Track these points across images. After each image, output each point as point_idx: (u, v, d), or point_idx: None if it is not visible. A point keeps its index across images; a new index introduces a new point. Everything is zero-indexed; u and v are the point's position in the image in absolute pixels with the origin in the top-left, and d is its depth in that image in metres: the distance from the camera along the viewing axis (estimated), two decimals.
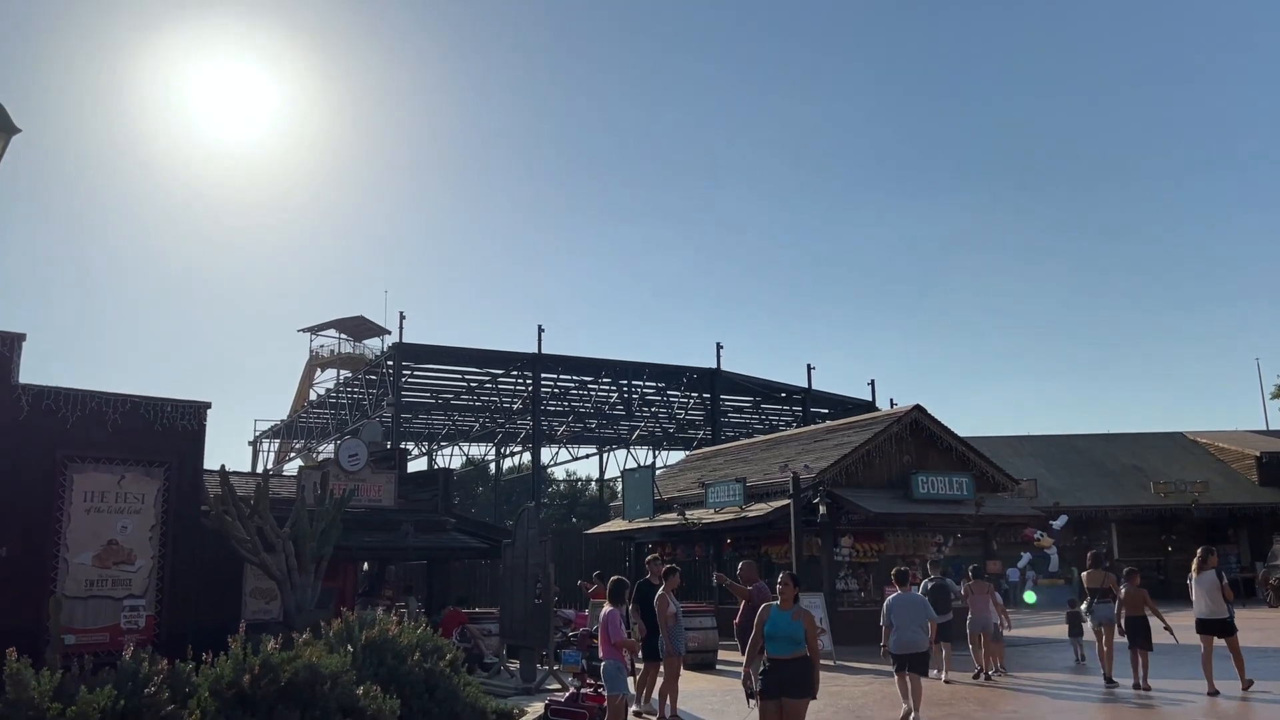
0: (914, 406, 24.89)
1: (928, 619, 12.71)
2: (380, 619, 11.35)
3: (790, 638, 7.83)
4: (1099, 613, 15.38)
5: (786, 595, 8.10)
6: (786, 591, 8.13)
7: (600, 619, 10.01)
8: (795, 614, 7.94)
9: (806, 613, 7.98)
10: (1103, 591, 15.68)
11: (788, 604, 8.05)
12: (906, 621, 12.39)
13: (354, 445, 19.80)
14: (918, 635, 12.38)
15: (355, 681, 9.20)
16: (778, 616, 7.97)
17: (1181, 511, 39.85)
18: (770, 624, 7.96)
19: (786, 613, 7.95)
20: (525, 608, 16.06)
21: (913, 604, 12.69)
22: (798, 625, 7.85)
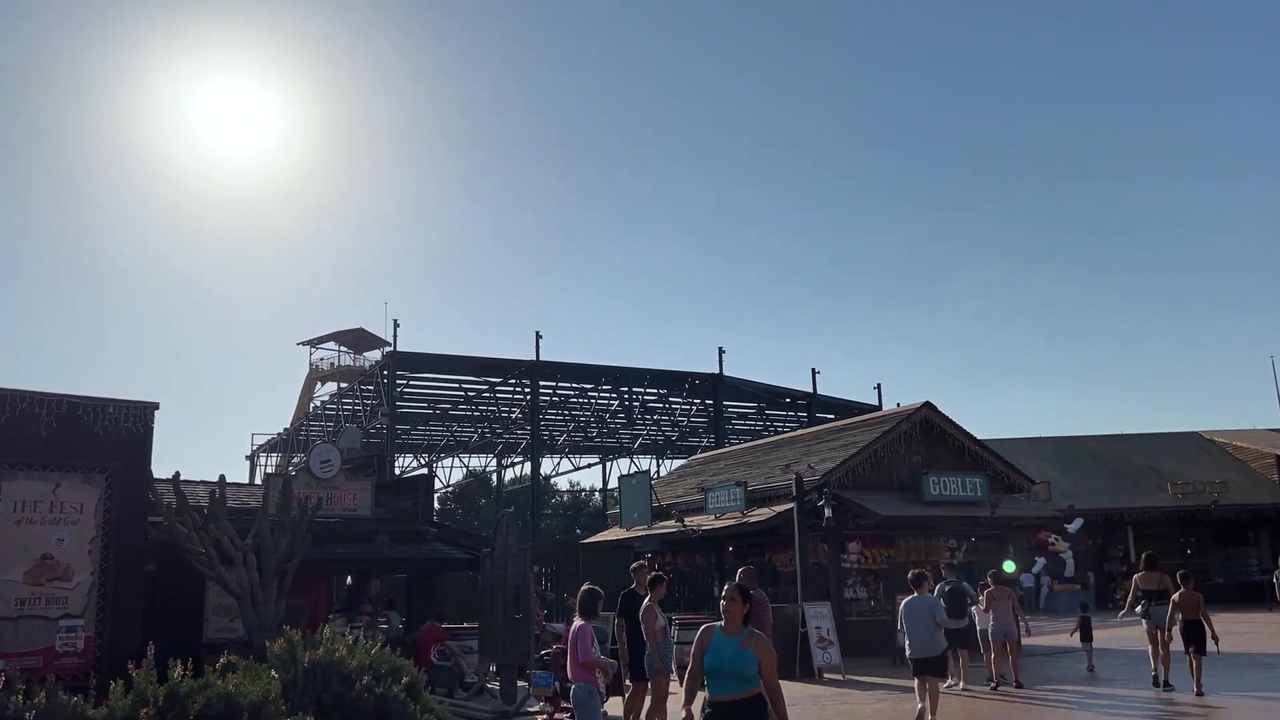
0: (924, 404, 23.58)
1: (938, 620, 12.44)
2: (328, 638, 10.06)
3: (737, 673, 5.95)
4: (1155, 615, 14.78)
5: (732, 615, 6.15)
6: (732, 610, 6.16)
7: (569, 636, 8.71)
8: (746, 640, 6.05)
9: (761, 638, 6.11)
10: (1159, 594, 14.99)
11: (735, 627, 6.13)
12: (919, 625, 12.26)
13: (326, 451, 18.52)
14: (932, 638, 12.21)
15: (285, 712, 7.93)
16: (721, 644, 6.09)
17: (1200, 513, 38.65)
18: (711, 653, 6.08)
19: (734, 639, 6.08)
20: (505, 622, 14.77)
21: (924, 606, 12.49)
22: (748, 656, 5.95)
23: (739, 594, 6.23)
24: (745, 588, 6.38)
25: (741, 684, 6.01)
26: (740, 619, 6.17)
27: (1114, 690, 15.01)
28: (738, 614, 6.16)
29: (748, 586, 6.50)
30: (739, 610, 6.18)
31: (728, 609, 6.19)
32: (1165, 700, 13.85)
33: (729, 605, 6.19)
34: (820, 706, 14.26)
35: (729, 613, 6.17)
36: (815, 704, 14.58)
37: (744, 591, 6.30)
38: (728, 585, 6.37)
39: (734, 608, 6.19)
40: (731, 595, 6.24)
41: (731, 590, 6.27)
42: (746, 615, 6.19)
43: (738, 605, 6.20)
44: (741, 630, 6.14)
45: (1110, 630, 26.54)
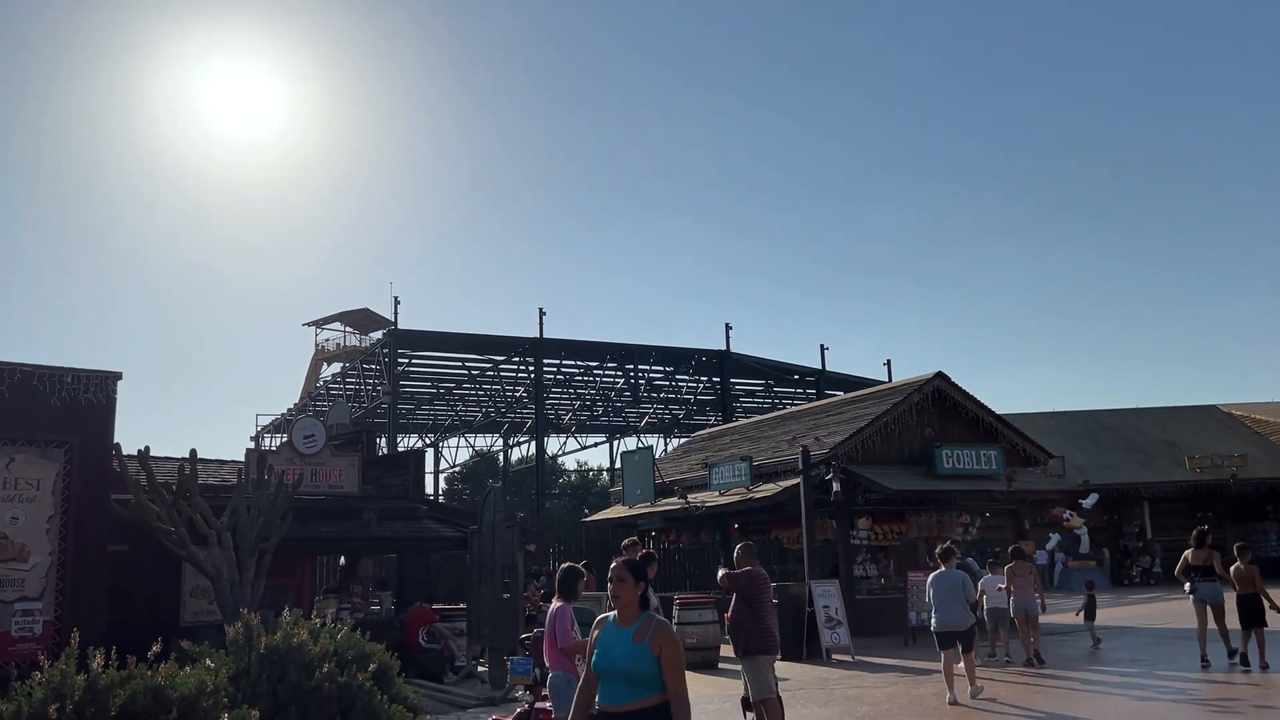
0: (936, 374, 22.63)
1: (969, 596, 12.48)
2: (288, 621, 9.23)
3: (626, 675, 4.56)
4: (1203, 591, 14.30)
5: (624, 599, 4.72)
6: (621, 593, 4.74)
7: (547, 618, 7.85)
8: (640, 631, 4.60)
9: (662, 628, 4.62)
10: (1207, 569, 14.44)
11: (629, 615, 4.71)
12: (948, 599, 12.26)
13: (310, 426, 17.68)
14: (960, 612, 12.24)
15: (225, 705, 7.10)
16: (610, 638, 4.70)
17: (1219, 487, 37.89)
18: (599, 649, 4.72)
19: (628, 629, 4.64)
20: (493, 603, 13.96)
21: (953, 580, 12.51)
22: (641, 653, 4.53)
23: (629, 571, 4.78)
24: (637, 563, 4.89)
25: (633, 690, 4.55)
26: (634, 604, 4.73)
27: (1134, 671, 14.12)
28: (629, 598, 4.72)
29: (638, 562, 4.92)
30: (630, 593, 4.73)
31: (615, 591, 4.76)
32: (1211, 679, 12.98)
33: (616, 587, 4.77)
34: (828, 691, 13.43)
35: (617, 597, 4.75)
36: (823, 688, 13.74)
37: (635, 568, 4.82)
38: (616, 562, 4.88)
39: (623, 590, 4.75)
40: (619, 574, 4.77)
41: (619, 567, 4.81)
42: (645, 598, 4.80)
43: (628, 587, 4.74)
44: (638, 618, 4.70)
45: (1129, 608, 25.75)
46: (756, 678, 9.09)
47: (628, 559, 4.92)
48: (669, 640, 4.61)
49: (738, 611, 9.33)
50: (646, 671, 4.55)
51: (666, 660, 4.56)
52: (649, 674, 4.55)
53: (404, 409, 53.88)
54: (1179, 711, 10.95)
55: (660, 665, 4.55)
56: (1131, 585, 36.87)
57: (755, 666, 9.13)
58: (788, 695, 12.41)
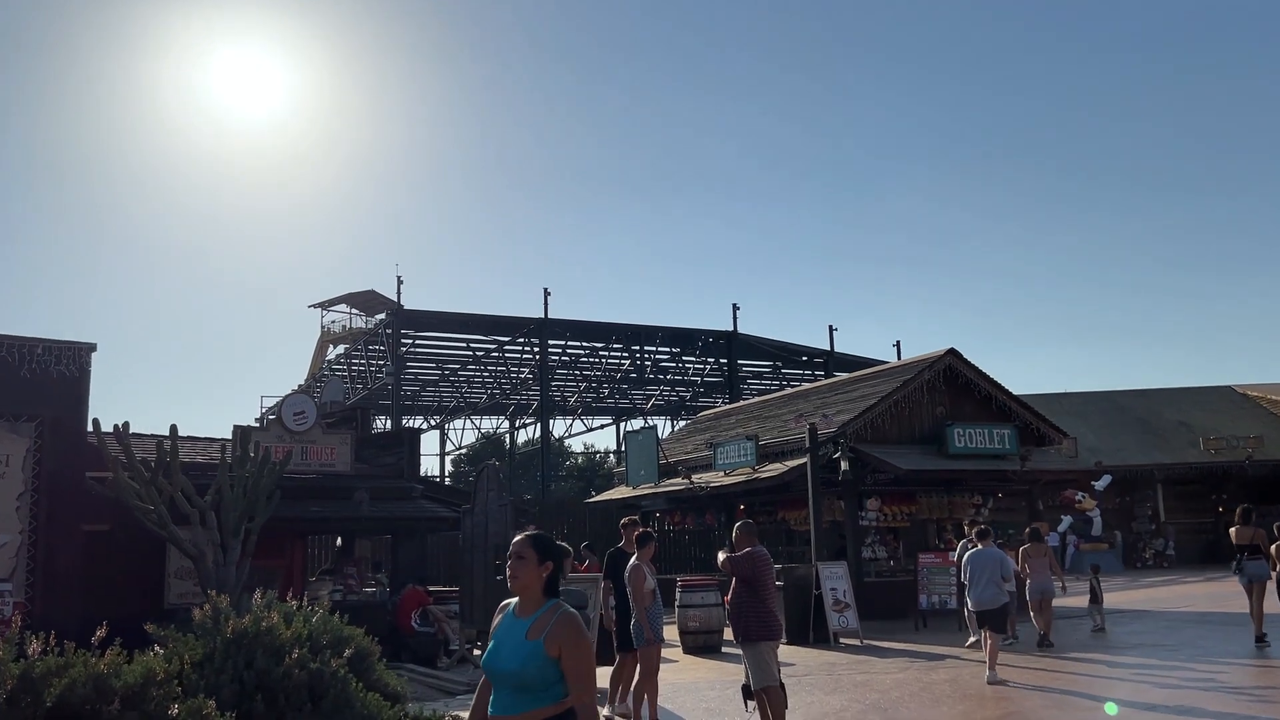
0: (948, 351, 21.97)
1: (1003, 575, 12.48)
2: (260, 604, 8.67)
3: (514, 679, 3.67)
4: (1249, 569, 14.04)
5: (521, 581, 3.80)
6: (519, 574, 3.80)
7: None
8: (538, 626, 3.70)
9: (567, 623, 3.67)
10: (1252, 548, 14.11)
11: (530, 603, 3.81)
12: (984, 577, 12.30)
13: (300, 402, 17.10)
14: (995, 591, 12.27)
15: (180, 694, 6.54)
16: (505, 631, 3.81)
17: (1234, 469, 37.28)
18: (492, 644, 3.85)
19: (525, 621, 3.75)
20: (486, 584, 13.42)
21: (990, 559, 12.52)
22: (534, 653, 3.64)
23: (531, 547, 3.83)
24: (544, 537, 3.92)
25: (520, 698, 3.64)
26: (536, 589, 3.78)
27: (1155, 656, 13.52)
28: (528, 581, 3.78)
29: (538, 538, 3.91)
30: (530, 575, 3.77)
31: (512, 572, 3.80)
32: (1242, 663, 12.37)
33: (513, 566, 3.80)
34: (835, 677, 12.86)
35: (514, 578, 3.80)
36: (830, 674, 13.18)
37: (541, 543, 3.86)
38: (516, 539, 3.92)
39: (521, 570, 3.79)
40: (517, 549, 3.83)
41: (519, 542, 3.86)
42: (552, 583, 3.81)
43: (527, 566, 3.78)
44: (539, 608, 3.76)
45: (1144, 591, 25.13)
46: (758, 665, 8.49)
47: (536, 534, 3.96)
48: (573, 639, 3.62)
49: (738, 594, 8.72)
50: (537, 676, 3.63)
51: (568, 666, 3.61)
52: (541, 679, 3.63)
53: (409, 390, 53.52)
54: (1208, 699, 10.34)
55: (566, 668, 3.62)
56: (1144, 568, 36.34)
57: (757, 653, 8.52)
58: (793, 682, 11.85)
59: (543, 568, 3.81)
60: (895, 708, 10.53)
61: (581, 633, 3.69)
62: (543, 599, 3.80)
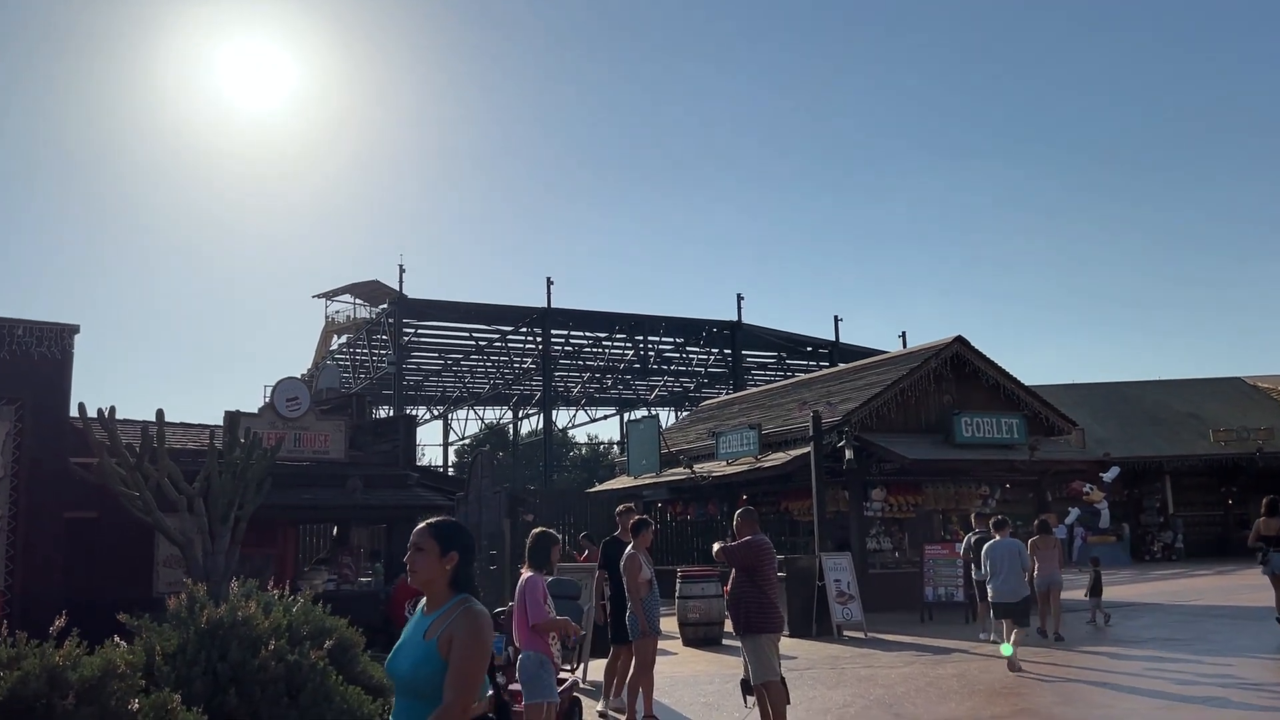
0: (955, 338, 21.55)
1: (1025, 565, 12.44)
2: (235, 593, 8.33)
3: (405, 684, 3.31)
4: (1275, 561, 13.82)
5: (420, 575, 3.38)
6: (419, 567, 3.38)
7: (516, 590, 6.87)
8: (436, 624, 3.29)
9: (466, 619, 3.24)
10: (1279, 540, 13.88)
11: (435, 599, 3.39)
12: (1005, 569, 12.23)
13: (293, 388, 16.72)
14: (1017, 583, 12.21)
15: (143, 688, 6.19)
16: (413, 629, 3.41)
17: (1244, 461, 36.75)
18: (397, 644, 3.46)
19: (428, 619, 3.36)
20: (480, 574, 13.03)
21: (1010, 550, 12.40)
22: (428, 653, 3.24)
23: (431, 536, 3.39)
24: (447, 526, 3.46)
25: (413, 706, 3.24)
26: (442, 584, 3.35)
27: (1169, 650, 13.13)
28: (429, 575, 3.35)
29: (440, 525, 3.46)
30: (432, 568, 3.35)
31: (412, 566, 3.38)
32: (1260, 658, 11.97)
33: (412, 559, 3.39)
34: (839, 670, 12.48)
35: (414, 571, 3.38)
36: (833, 667, 12.81)
37: (443, 533, 3.41)
38: (419, 527, 3.47)
39: (419, 562, 3.37)
40: (416, 541, 3.40)
41: (417, 533, 3.43)
42: (461, 577, 3.36)
43: (426, 559, 3.36)
44: (444, 604, 3.34)
45: (1153, 584, 24.74)
46: (758, 658, 8.11)
47: (437, 521, 3.52)
48: (465, 636, 3.19)
49: (737, 584, 8.33)
50: (429, 682, 3.19)
51: (452, 661, 3.17)
52: (433, 685, 3.18)
53: (412, 380, 53.29)
54: (1227, 695, 9.95)
55: (451, 672, 3.17)
56: (1153, 561, 35.92)
57: (757, 645, 8.14)
58: (795, 675, 11.49)
59: (446, 559, 3.37)
60: (901, 703, 10.16)
61: (477, 633, 3.23)
62: (448, 594, 3.36)
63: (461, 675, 3.16)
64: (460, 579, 3.38)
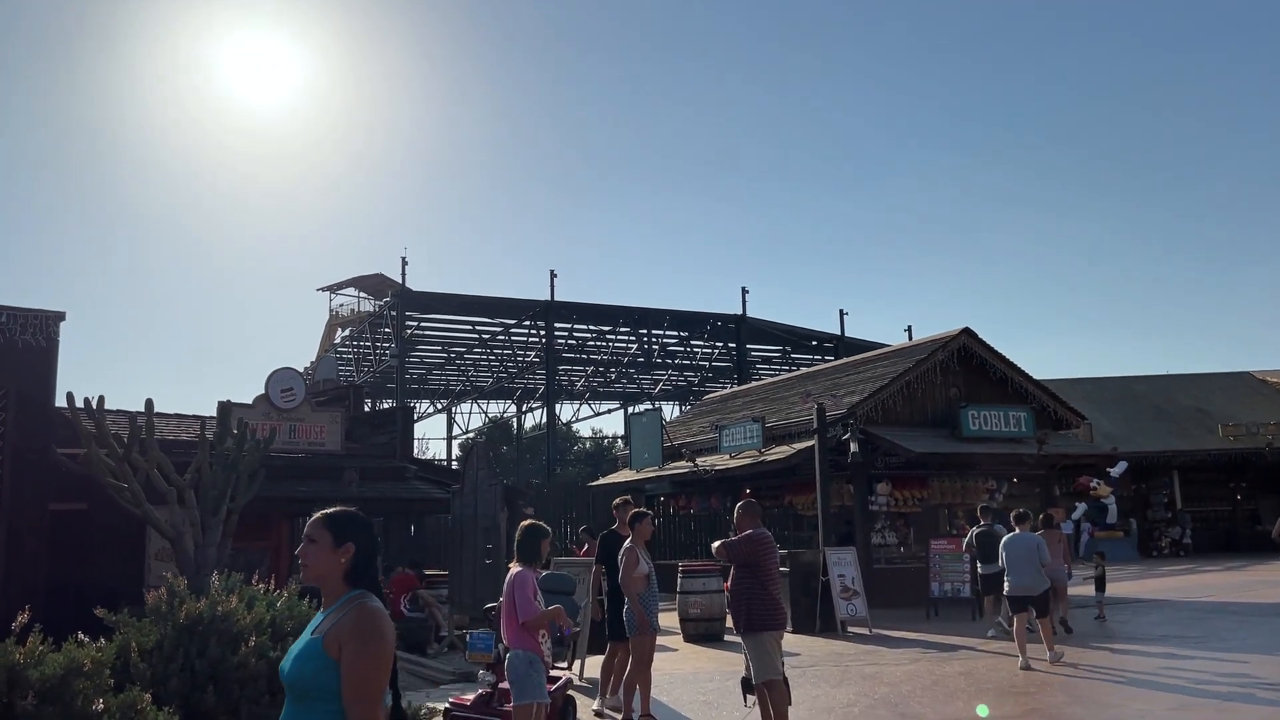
0: (962, 330, 21.21)
1: (1044, 559, 12.23)
2: (216, 587, 8.03)
3: (293, 685, 2.97)
4: None
5: (312, 570, 3.05)
6: (310, 561, 3.05)
7: (505, 586, 6.55)
8: (327, 621, 2.98)
9: (358, 616, 2.91)
10: None
11: (331, 596, 3.06)
12: (1022, 562, 12.13)
13: (287, 378, 16.42)
14: (1034, 576, 12.09)
15: (112, 685, 5.91)
16: (309, 627, 3.10)
17: (1253, 456, 36.42)
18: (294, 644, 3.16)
19: (321, 615, 3.06)
20: (476, 567, 12.77)
21: (1027, 544, 12.29)
22: (314, 655, 2.92)
23: (325, 528, 3.07)
24: (342, 516, 3.13)
25: (297, 710, 2.93)
26: (337, 578, 3.03)
27: (1181, 647, 12.80)
28: (323, 569, 3.03)
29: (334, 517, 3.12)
30: (325, 562, 3.03)
31: (304, 559, 3.07)
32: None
33: (304, 552, 3.07)
34: (843, 668, 12.18)
35: (306, 568, 3.06)
36: (837, 664, 12.50)
37: (337, 523, 3.09)
38: (313, 518, 3.16)
39: (314, 556, 3.05)
40: (309, 533, 3.09)
41: (311, 525, 3.11)
42: (358, 570, 3.04)
43: (319, 551, 3.04)
44: (341, 594, 3.04)
45: (1162, 580, 24.40)
46: (760, 656, 7.79)
47: (331, 511, 3.17)
48: (356, 636, 2.87)
49: (738, 580, 8.01)
50: (312, 683, 2.88)
51: (344, 668, 2.85)
52: (318, 687, 2.87)
53: (415, 374, 53.04)
54: (1243, 695, 9.63)
55: (344, 683, 2.85)
56: (1160, 557, 35.58)
57: (759, 643, 7.82)
58: (798, 673, 11.20)
59: (340, 551, 3.04)
60: (906, 702, 9.85)
61: (369, 630, 2.90)
62: (343, 589, 3.04)
63: (358, 683, 2.86)
64: (357, 573, 3.06)
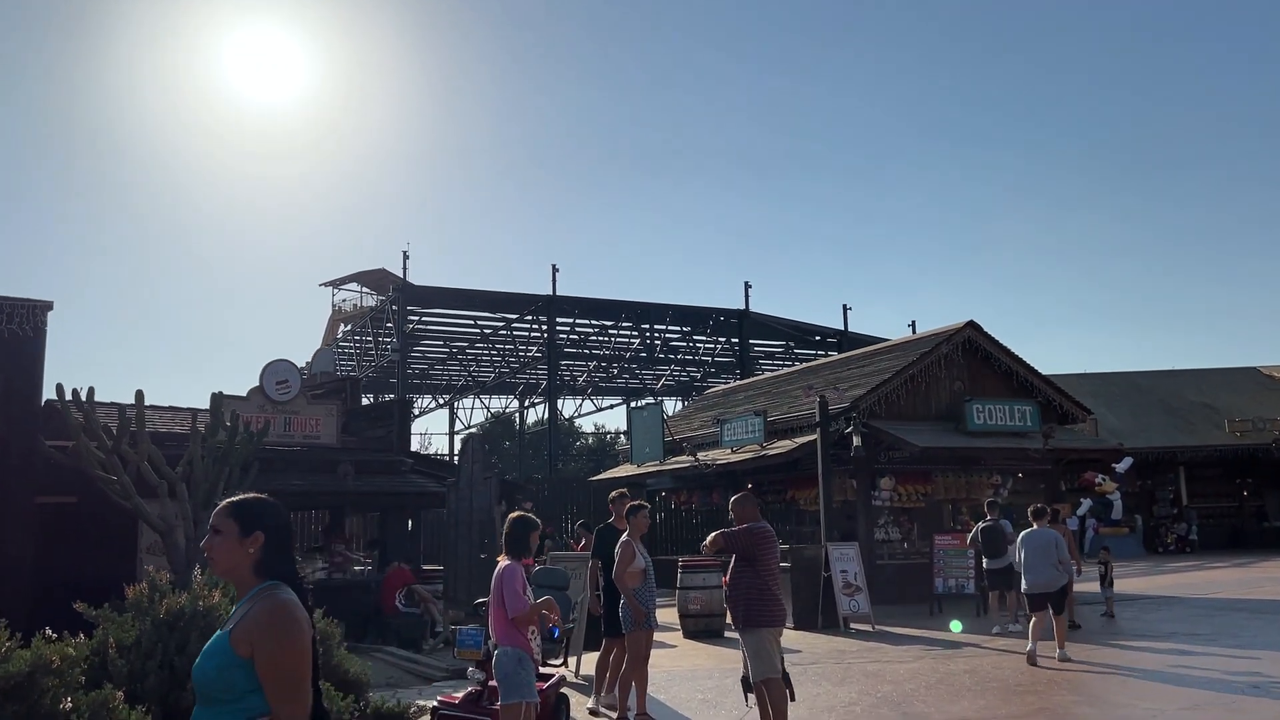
0: (967, 323, 20.96)
1: (1061, 556, 12.02)
2: (199, 581, 7.80)
3: (201, 687, 2.75)
4: None
5: (219, 563, 2.85)
6: (215, 554, 2.83)
7: (493, 580, 6.31)
8: (236, 617, 2.80)
9: (265, 612, 2.71)
10: None
11: (242, 591, 2.85)
12: (1039, 559, 11.94)
13: (282, 370, 16.17)
14: (1051, 573, 11.90)
15: (83, 683, 5.68)
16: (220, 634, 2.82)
17: (1260, 451, 36.11)
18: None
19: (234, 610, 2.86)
20: (470, 563, 12.54)
21: (1045, 539, 12.09)
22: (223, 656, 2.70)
23: (231, 517, 2.82)
24: (247, 504, 2.88)
25: (205, 713, 2.71)
26: (245, 571, 2.80)
27: (1192, 645, 12.55)
28: (231, 561, 2.80)
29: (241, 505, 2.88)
30: (233, 554, 2.79)
31: (210, 553, 2.82)
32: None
33: (209, 544, 2.82)
34: (845, 665, 11.94)
35: (213, 561, 2.83)
36: (839, 661, 12.26)
37: (244, 512, 2.83)
38: (219, 506, 2.92)
39: (220, 548, 2.80)
40: (214, 524, 2.83)
41: (216, 514, 2.85)
42: (269, 562, 2.80)
43: (227, 545, 2.79)
44: (252, 586, 2.81)
45: (1169, 577, 24.15)
46: (758, 654, 7.54)
47: (236, 499, 2.92)
48: (267, 632, 2.64)
49: (737, 574, 7.76)
50: (218, 683, 2.66)
51: (260, 668, 2.62)
52: (224, 687, 2.65)
53: (417, 369, 52.87)
54: (1258, 694, 9.38)
55: (264, 683, 2.63)
56: (1166, 553, 35.32)
57: (757, 640, 7.57)
58: (799, 670, 10.96)
59: (248, 541, 2.79)
60: (910, 701, 9.61)
61: (279, 625, 2.66)
62: (254, 582, 2.79)
63: (281, 680, 2.63)
64: (268, 564, 2.81)
